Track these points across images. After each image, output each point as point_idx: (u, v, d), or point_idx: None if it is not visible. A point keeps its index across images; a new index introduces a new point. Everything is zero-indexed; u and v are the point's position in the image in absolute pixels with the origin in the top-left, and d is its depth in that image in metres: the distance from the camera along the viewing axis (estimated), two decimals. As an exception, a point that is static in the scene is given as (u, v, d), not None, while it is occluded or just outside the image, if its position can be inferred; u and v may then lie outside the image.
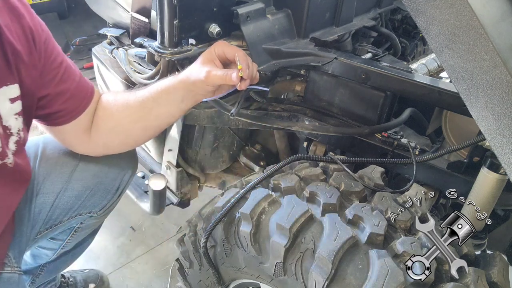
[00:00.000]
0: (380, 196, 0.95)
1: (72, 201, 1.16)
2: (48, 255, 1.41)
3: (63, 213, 1.16)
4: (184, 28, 1.14)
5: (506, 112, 0.59)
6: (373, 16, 1.57)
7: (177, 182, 1.53)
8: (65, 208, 1.16)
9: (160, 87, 1.00)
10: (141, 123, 1.04)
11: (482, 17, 0.58)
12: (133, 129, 1.06)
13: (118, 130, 1.05)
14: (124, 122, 1.04)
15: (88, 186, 1.17)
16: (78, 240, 1.38)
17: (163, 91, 0.99)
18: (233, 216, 1.02)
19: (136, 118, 1.03)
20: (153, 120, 1.04)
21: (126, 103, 1.03)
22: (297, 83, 1.35)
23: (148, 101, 1.01)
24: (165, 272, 1.91)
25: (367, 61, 1.22)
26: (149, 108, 1.01)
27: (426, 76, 1.24)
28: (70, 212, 1.17)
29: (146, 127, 1.06)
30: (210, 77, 0.93)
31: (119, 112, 1.03)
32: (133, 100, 1.03)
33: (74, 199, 1.16)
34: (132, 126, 1.05)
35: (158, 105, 1.01)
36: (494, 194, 0.96)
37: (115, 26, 1.69)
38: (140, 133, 1.09)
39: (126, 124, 1.05)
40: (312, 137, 1.33)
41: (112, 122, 1.04)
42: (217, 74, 0.93)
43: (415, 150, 1.12)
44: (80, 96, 1.00)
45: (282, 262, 0.89)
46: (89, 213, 1.22)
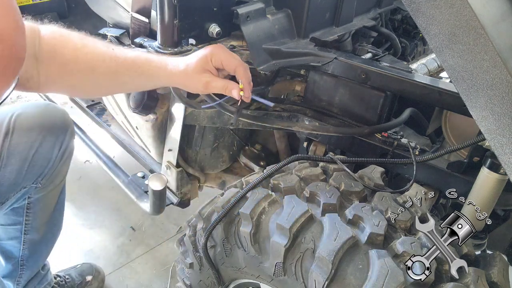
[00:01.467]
0: (380, 196, 0.95)
1: (14, 176, 1.16)
2: (16, 246, 1.39)
3: (8, 190, 1.16)
4: (184, 28, 1.14)
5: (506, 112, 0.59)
6: (373, 16, 1.57)
7: (177, 182, 1.52)
8: (9, 184, 1.16)
9: (147, 68, 0.93)
10: (99, 78, 0.94)
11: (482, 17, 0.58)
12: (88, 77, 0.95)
13: (73, 69, 0.93)
14: (83, 67, 0.93)
15: (25, 158, 1.16)
16: (38, 221, 1.36)
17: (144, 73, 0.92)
18: (233, 216, 1.02)
19: (101, 71, 0.93)
20: (115, 86, 0.98)
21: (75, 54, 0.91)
22: (297, 83, 1.35)
23: (125, 67, 0.92)
24: (165, 272, 1.91)
25: (367, 61, 1.22)
26: (121, 73, 0.93)
27: (426, 76, 1.24)
28: (14, 187, 1.18)
29: (101, 85, 0.98)
30: (209, 89, 0.90)
31: (83, 54, 0.92)
32: (109, 53, 0.93)
33: (16, 173, 1.16)
34: (88, 74, 0.94)
35: (131, 79, 0.93)
36: (494, 194, 0.96)
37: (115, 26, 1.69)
38: (92, 87, 1.00)
39: (87, 69, 0.94)
40: (312, 137, 1.33)
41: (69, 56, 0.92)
42: (217, 86, 0.89)
43: (415, 150, 1.12)
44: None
45: (282, 262, 0.89)
46: (33, 184, 1.22)
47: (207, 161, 1.56)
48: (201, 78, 0.89)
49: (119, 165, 1.81)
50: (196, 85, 0.90)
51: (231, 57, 0.93)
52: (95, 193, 2.36)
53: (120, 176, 1.74)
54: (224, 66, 0.91)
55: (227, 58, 0.91)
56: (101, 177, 2.39)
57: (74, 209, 2.23)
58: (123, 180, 1.72)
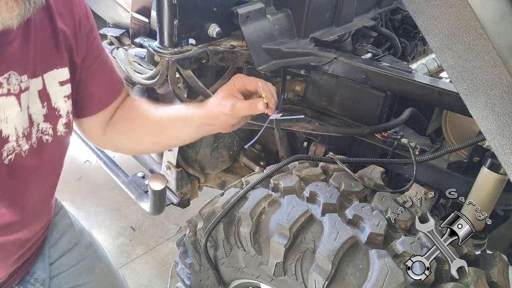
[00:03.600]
0: (380, 196, 0.95)
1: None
2: None
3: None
4: (184, 28, 1.14)
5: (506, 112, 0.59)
6: (373, 16, 1.57)
7: (177, 182, 1.53)
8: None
9: (180, 112, 1.03)
10: (151, 137, 1.07)
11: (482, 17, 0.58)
12: (143, 140, 1.09)
13: (130, 135, 1.08)
14: (137, 131, 1.07)
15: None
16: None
17: (181, 117, 1.02)
18: (233, 216, 1.02)
19: (148, 131, 1.06)
20: (164, 138, 1.07)
21: (145, 113, 1.06)
22: (297, 83, 1.35)
23: (165, 120, 1.03)
24: (165, 272, 1.92)
25: (367, 61, 1.22)
26: (164, 127, 1.04)
27: (426, 76, 1.24)
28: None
29: (155, 142, 1.10)
30: (236, 110, 0.94)
31: (137, 120, 1.06)
32: (153, 113, 1.06)
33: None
34: (143, 137, 1.08)
35: (173, 127, 1.03)
36: (494, 194, 0.96)
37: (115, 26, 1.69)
38: (148, 145, 1.12)
39: (138, 133, 1.07)
40: (312, 137, 1.33)
41: (127, 125, 1.07)
42: (243, 106, 0.94)
43: (415, 150, 1.12)
44: (109, 90, 1.03)
45: (282, 262, 0.89)
46: None
47: (207, 161, 1.56)
48: (227, 102, 0.95)
49: (119, 165, 1.81)
50: (223, 107, 0.95)
51: (252, 78, 1.00)
52: (95, 193, 2.36)
53: (120, 176, 1.74)
54: (246, 86, 0.96)
55: (248, 79, 0.98)
56: (101, 177, 2.39)
57: (74, 209, 2.22)
58: (123, 180, 1.72)
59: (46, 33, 0.82)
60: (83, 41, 0.92)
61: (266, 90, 0.94)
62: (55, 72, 0.86)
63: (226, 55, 1.23)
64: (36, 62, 0.81)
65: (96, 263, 1.18)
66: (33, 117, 0.83)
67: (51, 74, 0.85)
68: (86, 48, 0.93)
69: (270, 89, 0.95)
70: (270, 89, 0.95)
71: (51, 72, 0.85)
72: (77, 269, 1.14)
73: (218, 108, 0.96)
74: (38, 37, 0.81)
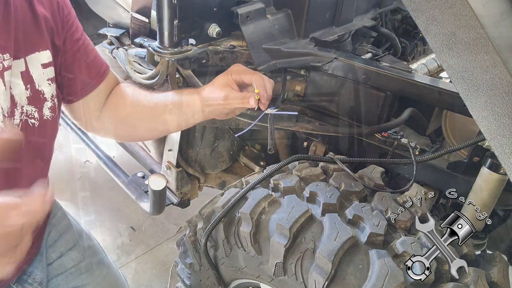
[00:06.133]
0: (380, 196, 0.95)
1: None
2: None
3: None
4: (184, 28, 1.14)
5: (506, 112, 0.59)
6: (373, 16, 1.57)
7: (177, 182, 1.52)
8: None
9: (175, 98, 1.04)
10: (148, 123, 1.08)
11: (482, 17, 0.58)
12: (139, 126, 1.10)
13: (126, 122, 1.09)
14: (133, 117, 1.08)
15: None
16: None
17: (177, 103, 1.03)
18: (233, 216, 1.02)
19: (144, 117, 1.07)
20: (160, 124, 1.08)
21: (140, 99, 1.07)
22: (297, 83, 1.35)
23: (161, 106, 1.04)
24: (165, 272, 1.92)
25: (367, 61, 1.22)
26: (159, 113, 1.05)
27: (426, 76, 1.24)
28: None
29: (152, 128, 1.11)
30: (229, 100, 0.96)
31: (132, 106, 1.07)
32: (148, 100, 1.06)
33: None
34: (139, 123, 1.09)
35: (169, 113, 1.04)
36: (494, 194, 0.96)
37: (115, 26, 1.69)
38: (145, 132, 1.14)
39: (135, 120, 1.08)
40: (312, 137, 1.33)
41: (123, 113, 1.08)
42: (235, 97, 0.96)
43: (415, 150, 1.12)
44: (93, 72, 1.03)
45: (282, 262, 0.89)
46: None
47: (207, 161, 1.56)
48: (222, 91, 0.97)
49: (119, 165, 1.81)
50: (217, 96, 0.97)
51: (249, 70, 1.01)
52: (95, 193, 2.36)
53: (120, 176, 1.74)
54: (242, 78, 0.98)
55: (245, 71, 0.99)
56: (101, 177, 2.39)
57: (74, 209, 2.22)
58: (123, 180, 1.72)
59: (26, 17, 0.83)
60: (63, 24, 0.93)
61: (260, 86, 0.95)
62: (37, 54, 0.87)
63: (226, 55, 1.23)
64: (18, 44, 0.82)
65: (96, 265, 1.18)
66: (16, 98, 0.84)
67: (33, 56, 0.86)
68: (66, 30, 0.94)
69: (264, 85, 0.96)
70: (264, 85, 0.96)
71: (33, 55, 0.86)
72: (76, 270, 1.14)
73: (213, 96, 0.98)
74: (19, 19, 0.81)
